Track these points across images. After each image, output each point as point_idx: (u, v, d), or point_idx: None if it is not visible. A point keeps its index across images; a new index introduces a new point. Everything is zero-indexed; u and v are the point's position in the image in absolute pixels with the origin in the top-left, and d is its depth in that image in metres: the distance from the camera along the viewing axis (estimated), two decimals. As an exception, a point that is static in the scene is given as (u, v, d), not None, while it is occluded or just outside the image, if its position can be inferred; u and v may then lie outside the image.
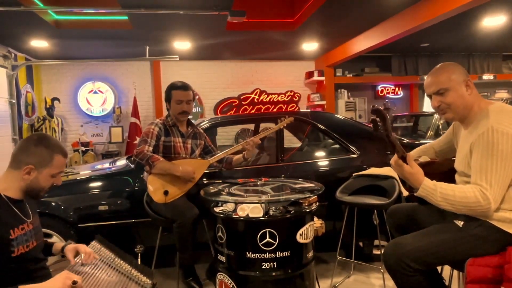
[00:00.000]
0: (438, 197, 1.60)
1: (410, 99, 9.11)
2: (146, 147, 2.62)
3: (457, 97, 1.69)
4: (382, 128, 1.57)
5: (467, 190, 1.58)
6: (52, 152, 1.53)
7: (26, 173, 1.49)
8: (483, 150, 1.57)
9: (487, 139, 1.56)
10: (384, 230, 2.61)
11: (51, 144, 1.55)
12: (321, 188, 2.31)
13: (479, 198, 1.54)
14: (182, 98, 2.73)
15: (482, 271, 1.58)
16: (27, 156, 1.50)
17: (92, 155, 7.30)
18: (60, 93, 7.51)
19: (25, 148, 1.52)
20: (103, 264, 1.66)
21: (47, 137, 1.59)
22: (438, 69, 1.75)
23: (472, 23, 5.94)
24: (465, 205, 1.57)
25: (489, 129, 1.57)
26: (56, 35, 5.66)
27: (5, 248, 1.40)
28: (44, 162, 1.51)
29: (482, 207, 1.55)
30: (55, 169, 1.55)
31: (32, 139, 1.55)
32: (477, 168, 1.58)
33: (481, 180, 1.56)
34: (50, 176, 1.55)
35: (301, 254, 2.15)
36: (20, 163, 1.49)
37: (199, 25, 5.36)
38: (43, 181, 1.53)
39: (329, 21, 5.38)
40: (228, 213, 2.16)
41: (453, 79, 1.69)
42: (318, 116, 3.36)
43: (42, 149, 1.51)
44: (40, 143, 1.52)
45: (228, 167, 2.89)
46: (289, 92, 8.36)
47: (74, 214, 2.78)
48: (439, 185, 1.61)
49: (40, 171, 1.51)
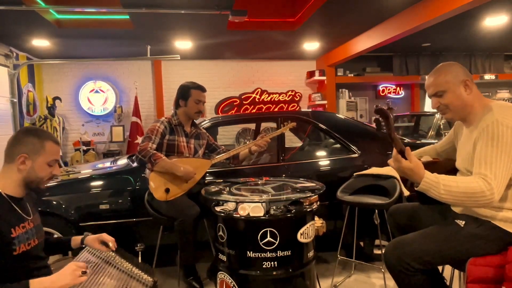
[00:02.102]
0: (441, 189, 1.54)
1: (411, 99, 9.10)
2: (149, 144, 2.62)
3: (455, 98, 1.69)
4: (385, 126, 1.58)
5: (470, 180, 1.54)
6: (42, 140, 1.54)
7: (21, 162, 1.49)
8: (488, 141, 1.56)
9: (491, 131, 1.55)
10: (385, 229, 2.61)
11: (39, 133, 1.56)
12: (322, 188, 2.31)
13: (483, 188, 1.50)
14: (201, 99, 2.80)
15: (483, 270, 1.58)
16: (18, 146, 1.51)
17: (93, 154, 7.31)
18: (62, 92, 7.52)
19: (15, 140, 1.53)
20: (103, 263, 1.67)
21: (36, 127, 1.62)
22: (436, 71, 1.76)
23: (473, 23, 5.93)
24: (469, 196, 1.52)
25: (493, 122, 1.56)
26: (57, 34, 5.67)
27: (7, 246, 1.40)
28: (36, 149, 1.52)
29: (486, 197, 1.51)
30: (49, 156, 1.54)
31: (21, 131, 1.57)
32: (481, 159, 1.56)
33: (485, 170, 1.53)
34: (46, 164, 1.54)
35: (302, 254, 2.15)
36: (13, 155, 1.50)
37: (200, 24, 5.37)
38: (39, 170, 1.53)
39: (330, 20, 5.38)
40: (229, 212, 2.16)
41: (449, 80, 1.70)
42: (319, 116, 3.36)
43: (32, 138, 1.52)
44: (29, 133, 1.54)
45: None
46: (290, 92, 8.36)
47: (75, 213, 2.79)
48: (441, 177, 1.57)
49: (34, 159, 1.51)
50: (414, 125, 6.88)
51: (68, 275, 1.35)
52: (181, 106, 2.82)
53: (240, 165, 3.02)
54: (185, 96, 2.80)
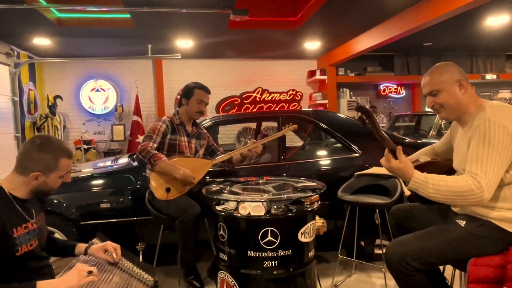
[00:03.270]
0: (430, 188, 1.56)
1: (412, 98, 9.09)
2: (150, 143, 2.62)
3: (449, 97, 1.71)
4: (369, 125, 1.59)
5: (460, 179, 1.56)
6: (56, 157, 1.51)
7: (34, 179, 1.49)
8: (480, 140, 1.57)
9: (483, 130, 1.56)
10: (386, 229, 2.61)
11: (54, 149, 1.51)
12: (322, 187, 2.31)
13: (472, 186, 1.51)
14: (204, 99, 2.81)
15: (484, 271, 1.58)
16: (31, 162, 1.48)
17: (94, 153, 7.31)
18: (63, 91, 7.52)
19: (28, 155, 1.49)
20: (105, 262, 1.67)
21: (49, 140, 1.53)
22: (431, 71, 1.78)
23: (475, 23, 5.92)
24: (458, 194, 1.54)
25: (486, 121, 1.57)
26: (58, 33, 5.67)
27: (9, 246, 1.40)
28: (50, 167, 1.50)
29: (475, 195, 1.51)
30: (63, 172, 1.55)
31: (34, 143, 1.50)
32: (473, 157, 1.57)
33: (476, 169, 1.54)
34: (58, 177, 1.55)
35: (302, 253, 2.16)
36: (26, 170, 1.48)
37: (201, 23, 5.36)
38: (52, 183, 1.54)
39: (331, 20, 5.37)
40: (230, 212, 2.16)
41: (444, 80, 1.71)
42: (320, 115, 3.36)
43: (45, 155, 1.49)
44: (42, 149, 1.49)
45: (230, 166, 2.92)
46: (291, 91, 8.35)
47: (76, 212, 2.79)
48: (430, 177, 1.59)
49: (47, 175, 1.51)
50: (415, 125, 6.88)
51: (74, 276, 1.37)
52: (183, 104, 2.83)
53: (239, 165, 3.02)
54: (188, 95, 2.80)
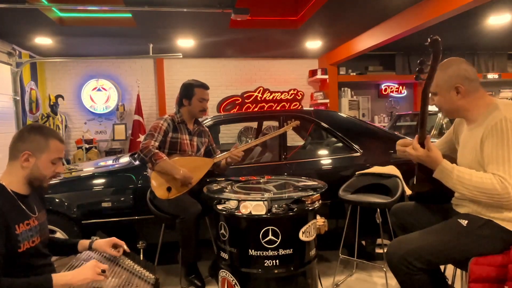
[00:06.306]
0: (454, 179, 1.61)
1: (414, 97, 9.07)
2: (152, 142, 2.62)
3: (443, 102, 1.76)
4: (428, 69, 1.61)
5: (484, 176, 1.57)
6: (47, 137, 1.54)
7: (25, 159, 1.50)
8: (498, 140, 1.57)
9: (501, 129, 1.57)
10: (387, 228, 2.60)
11: (44, 130, 1.56)
12: (324, 186, 2.31)
13: (496, 186, 1.53)
14: (205, 97, 2.80)
15: (485, 270, 1.58)
16: (22, 143, 1.51)
17: (96, 152, 7.33)
18: (64, 90, 7.54)
19: (20, 137, 1.53)
20: (106, 260, 1.67)
21: (41, 125, 1.60)
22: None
23: (477, 22, 5.91)
24: (481, 191, 1.56)
25: (502, 120, 1.57)
26: (60, 33, 5.68)
27: (11, 243, 1.40)
28: (40, 147, 1.52)
29: (500, 196, 1.53)
30: (53, 154, 1.55)
31: (26, 128, 1.57)
32: (493, 158, 1.58)
33: (498, 170, 1.55)
34: (49, 162, 1.54)
35: (303, 252, 2.15)
36: (18, 152, 1.51)
37: (203, 23, 5.36)
38: (43, 168, 1.53)
39: (332, 19, 5.37)
40: (231, 211, 2.16)
41: (439, 85, 1.74)
42: (321, 115, 3.35)
43: (36, 136, 1.53)
44: (34, 130, 1.54)
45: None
46: (292, 91, 8.35)
47: (78, 211, 2.79)
48: (457, 168, 1.63)
49: (38, 157, 1.51)
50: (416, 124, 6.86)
51: (89, 270, 1.41)
52: (185, 105, 2.80)
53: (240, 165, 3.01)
54: (188, 95, 2.78)
